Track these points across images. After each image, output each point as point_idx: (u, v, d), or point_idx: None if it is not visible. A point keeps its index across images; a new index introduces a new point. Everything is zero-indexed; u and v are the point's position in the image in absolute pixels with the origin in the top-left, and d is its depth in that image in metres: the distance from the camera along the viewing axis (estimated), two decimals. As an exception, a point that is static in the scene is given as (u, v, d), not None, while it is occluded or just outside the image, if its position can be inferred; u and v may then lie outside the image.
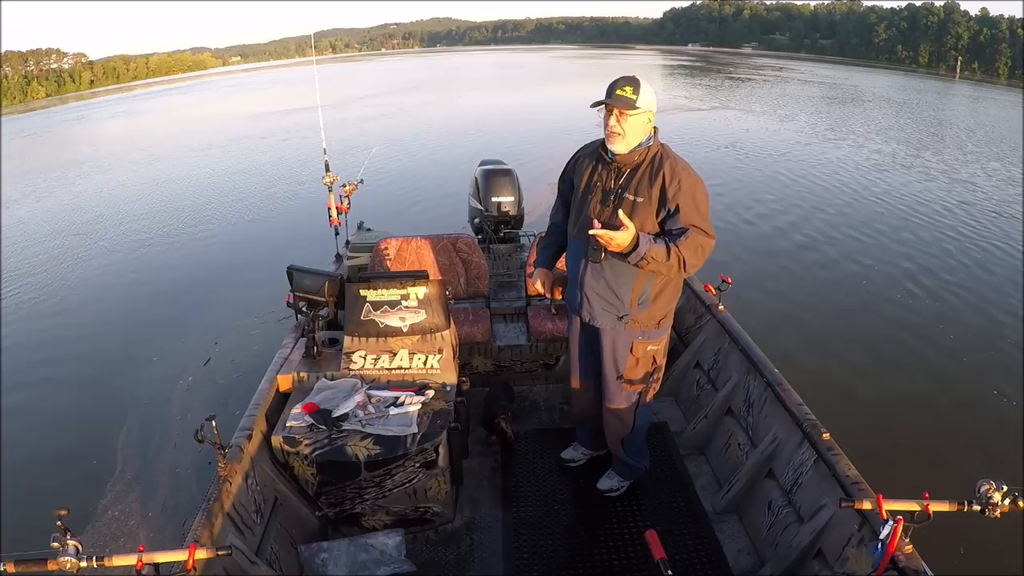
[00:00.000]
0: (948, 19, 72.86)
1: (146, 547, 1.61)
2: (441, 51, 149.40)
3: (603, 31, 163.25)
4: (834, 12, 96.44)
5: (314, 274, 3.21)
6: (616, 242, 2.18)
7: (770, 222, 9.26)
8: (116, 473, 4.23)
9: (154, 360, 5.77)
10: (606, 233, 2.18)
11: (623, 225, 2.18)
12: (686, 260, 2.22)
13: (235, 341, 5.88)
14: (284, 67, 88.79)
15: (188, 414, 4.77)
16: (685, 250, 2.20)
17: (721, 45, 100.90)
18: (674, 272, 2.28)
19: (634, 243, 2.19)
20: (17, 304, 7.41)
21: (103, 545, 3.53)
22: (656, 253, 2.20)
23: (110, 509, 3.86)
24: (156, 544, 3.29)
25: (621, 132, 2.26)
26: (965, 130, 19.69)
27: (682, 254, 2.20)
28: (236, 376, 5.15)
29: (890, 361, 5.44)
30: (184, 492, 3.90)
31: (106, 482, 4.12)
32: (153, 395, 5.16)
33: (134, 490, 4.05)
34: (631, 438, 2.71)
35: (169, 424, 4.72)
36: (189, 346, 5.94)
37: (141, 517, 3.78)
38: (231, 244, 9.28)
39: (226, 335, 6.03)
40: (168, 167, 15.76)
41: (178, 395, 5.12)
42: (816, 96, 28.76)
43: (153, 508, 3.85)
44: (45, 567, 1.51)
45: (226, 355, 5.67)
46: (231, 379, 5.15)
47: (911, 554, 1.74)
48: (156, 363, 5.71)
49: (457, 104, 27.05)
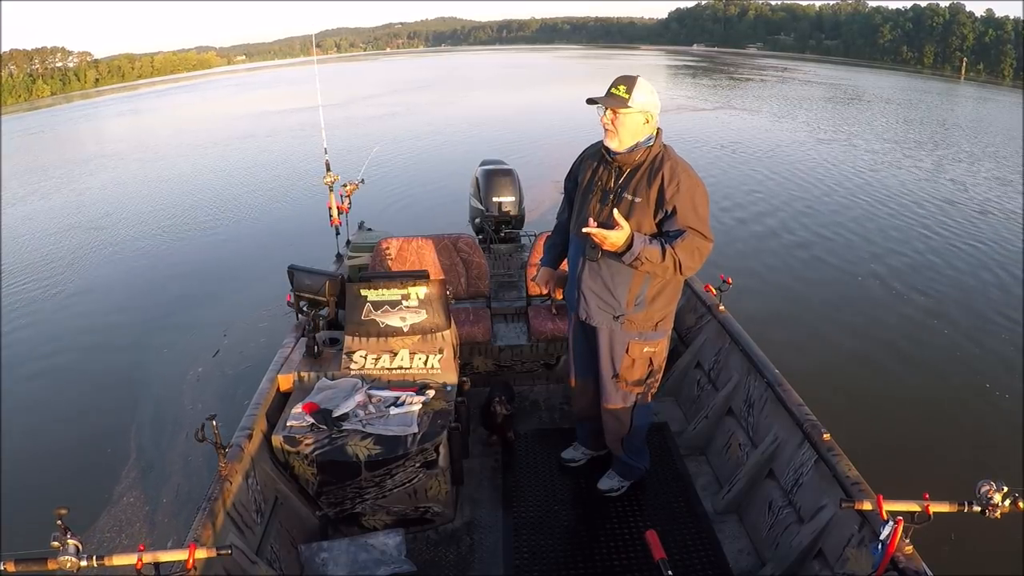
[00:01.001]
0: (953, 20, 72.69)
1: (146, 546, 1.61)
2: (445, 51, 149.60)
3: (608, 31, 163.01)
4: (839, 13, 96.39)
5: (315, 274, 3.22)
6: (610, 241, 2.18)
7: (768, 221, 9.26)
8: (130, 461, 4.34)
9: (164, 351, 5.89)
10: (600, 232, 2.18)
11: (618, 224, 2.17)
12: (682, 262, 2.20)
13: (243, 333, 5.98)
14: (288, 66, 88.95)
15: (199, 404, 4.89)
16: (681, 252, 2.19)
17: (726, 45, 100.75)
18: (669, 274, 2.27)
19: (628, 243, 2.19)
20: (29, 297, 7.55)
21: (118, 532, 3.64)
22: (651, 254, 2.18)
23: (125, 496, 3.97)
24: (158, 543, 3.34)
25: (614, 130, 2.28)
26: (969, 131, 19.67)
27: (678, 256, 2.19)
28: (245, 367, 5.24)
29: (891, 361, 5.44)
30: (197, 479, 3.97)
31: (120, 470, 4.23)
32: (164, 385, 5.30)
33: (148, 477, 4.14)
34: (630, 438, 2.71)
35: (181, 414, 4.83)
36: (198, 338, 6.06)
37: (155, 504, 3.87)
38: (234, 242, 9.33)
39: (234, 327, 6.14)
40: (171, 165, 15.87)
41: (189, 385, 5.25)
42: (818, 97, 28.73)
43: (167, 495, 3.95)
44: (45, 566, 1.51)
45: (234, 347, 5.78)
46: (239, 370, 5.25)
47: (911, 555, 1.74)
48: (166, 354, 5.84)
49: (459, 104, 27.06)
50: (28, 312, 7.13)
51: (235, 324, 6.23)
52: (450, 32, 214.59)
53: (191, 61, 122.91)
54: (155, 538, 3.55)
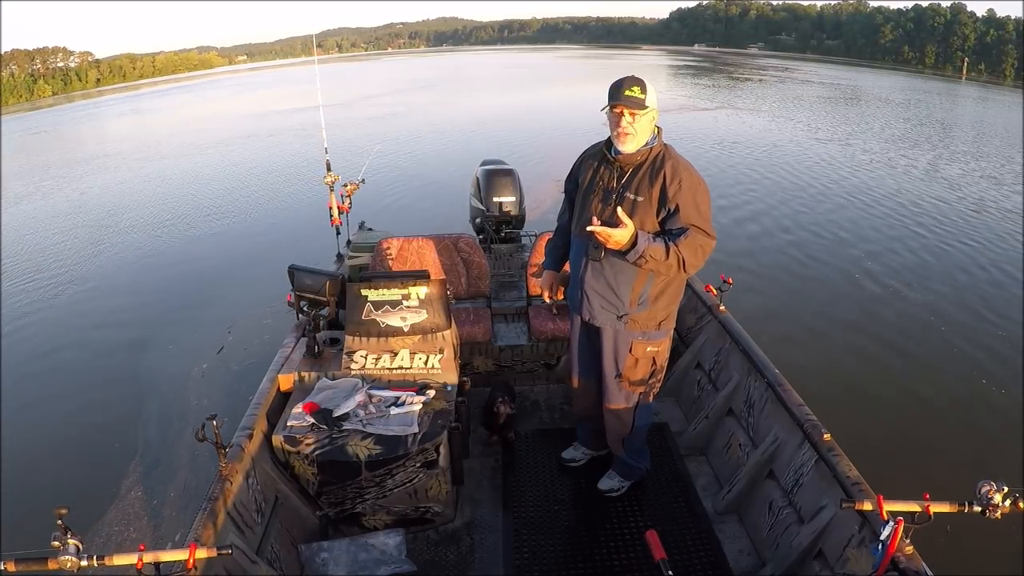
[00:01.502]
0: (955, 20, 72.76)
1: (147, 546, 1.61)
2: (447, 51, 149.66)
3: (609, 31, 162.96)
4: (840, 13, 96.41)
5: (315, 274, 3.22)
6: (614, 239, 2.18)
7: (767, 220, 9.26)
8: (138, 455, 4.40)
9: (169, 348, 5.98)
10: (604, 230, 2.18)
11: (622, 223, 2.18)
12: (685, 260, 2.21)
13: (247, 330, 6.05)
14: (290, 66, 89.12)
15: (204, 399, 4.97)
16: (685, 250, 2.20)
17: (727, 45, 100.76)
18: (673, 272, 2.28)
19: (632, 241, 2.20)
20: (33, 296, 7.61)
21: (126, 526, 3.68)
22: (655, 252, 2.20)
23: (132, 489, 4.03)
24: (165, 537, 3.39)
25: (633, 132, 2.27)
26: (969, 130, 19.67)
27: (681, 253, 2.20)
28: (249, 363, 5.29)
29: (891, 361, 5.43)
30: (204, 473, 3.99)
31: (128, 463, 4.29)
32: (170, 381, 5.37)
33: (155, 471, 4.21)
34: (631, 438, 2.71)
35: (187, 409, 4.91)
36: (202, 335, 6.12)
37: (163, 498, 3.93)
38: (234, 241, 9.36)
39: (238, 324, 6.21)
40: (172, 165, 15.93)
41: (194, 381, 5.32)
42: (818, 96, 28.78)
43: (175, 488, 4.00)
44: (46, 566, 1.51)
45: (239, 344, 5.86)
46: (244, 366, 5.31)
47: (912, 555, 1.74)
48: (171, 350, 5.92)
49: (460, 104, 27.10)
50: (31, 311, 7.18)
51: (238, 322, 6.29)
52: (451, 32, 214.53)
53: (192, 61, 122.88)
54: (162, 532, 3.59)
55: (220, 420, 2.10)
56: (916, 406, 4.78)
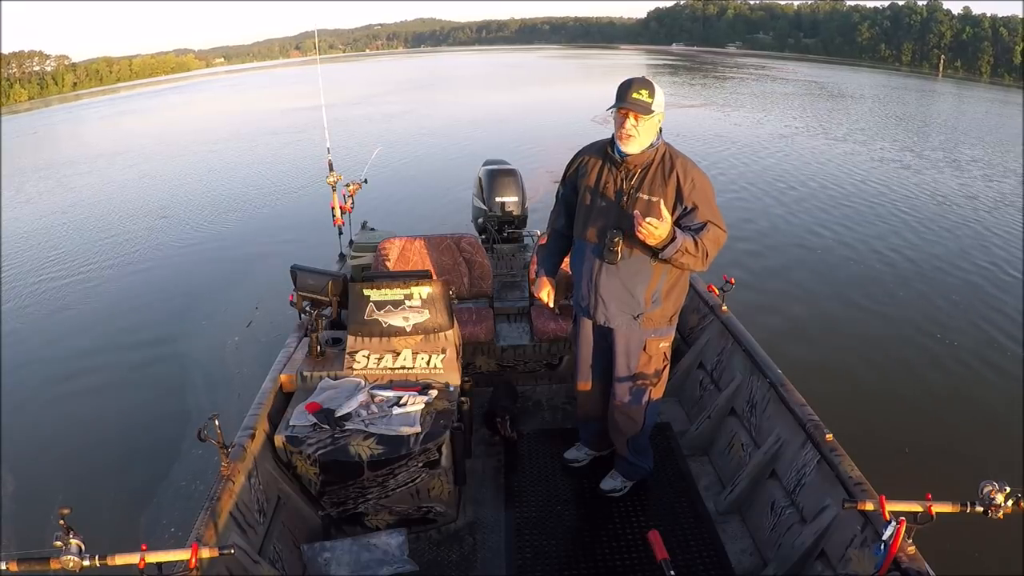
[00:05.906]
0: (931, 18, 73.03)
1: (149, 546, 1.61)
2: (426, 52, 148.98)
3: (587, 31, 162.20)
4: (817, 11, 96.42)
5: (317, 273, 3.21)
6: (657, 234, 2.17)
7: (766, 220, 9.24)
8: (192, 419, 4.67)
9: (203, 323, 6.43)
10: (649, 224, 2.13)
11: (661, 218, 2.16)
12: (708, 252, 2.28)
13: (272, 308, 6.24)
14: (273, 68, 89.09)
15: (244, 367, 5.34)
16: (708, 243, 2.27)
17: (705, 45, 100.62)
18: (698, 266, 2.32)
19: (672, 235, 2.21)
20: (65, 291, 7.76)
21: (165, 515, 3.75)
22: (689, 246, 2.24)
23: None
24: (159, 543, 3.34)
25: (636, 135, 2.28)
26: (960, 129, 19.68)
27: (706, 246, 2.27)
28: (276, 336, 5.37)
29: (891, 360, 5.41)
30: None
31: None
32: (207, 353, 5.78)
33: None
34: (637, 438, 2.72)
35: (231, 377, 5.28)
36: (231, 312, 6.54)
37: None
38: (235, 241, 9.37)
39: (239, 327, 6.32)
40: (173, 164, 15.90)
41: (229, 352, 5.74)
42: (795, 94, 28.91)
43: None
44: (47, 566, 1.51)
45: (265, 318, 6.21)
46: (271, 338, 5.50)
47: (914, 555, 1.73)
48: (205, 326, 6.36)
49: (461, 104, 27.04)
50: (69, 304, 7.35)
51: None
52: (429, 33, 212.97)
53: (170, 64, 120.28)
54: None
55: (219, 423, 2.10)
56: (916, 406, 4.76)
